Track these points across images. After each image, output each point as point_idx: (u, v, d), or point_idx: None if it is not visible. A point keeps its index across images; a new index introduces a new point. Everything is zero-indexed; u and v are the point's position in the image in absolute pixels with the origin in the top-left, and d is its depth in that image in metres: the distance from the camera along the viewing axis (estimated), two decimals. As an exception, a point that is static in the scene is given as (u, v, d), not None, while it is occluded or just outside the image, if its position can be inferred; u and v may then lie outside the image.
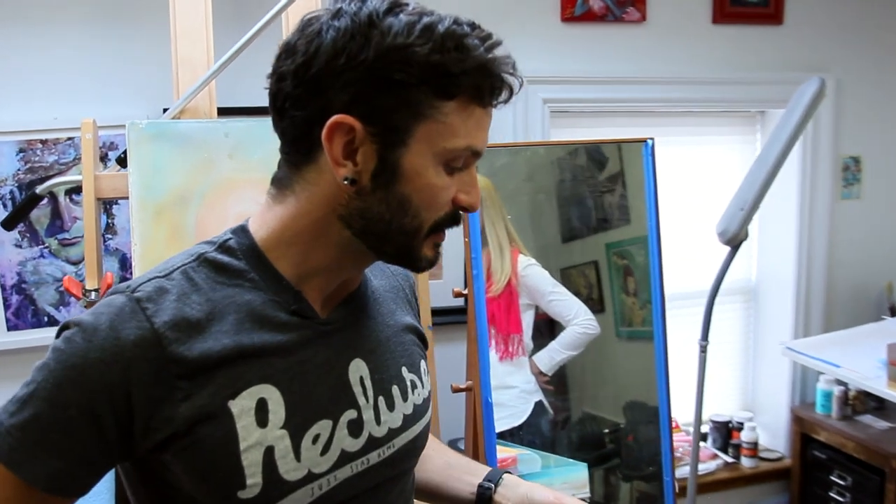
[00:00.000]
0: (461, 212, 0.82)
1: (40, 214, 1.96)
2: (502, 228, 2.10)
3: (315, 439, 0.80)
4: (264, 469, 0.76)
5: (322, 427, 0.81)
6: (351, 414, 0.83)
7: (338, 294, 0.87)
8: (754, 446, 2.78)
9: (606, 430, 2.21)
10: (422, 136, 0.76)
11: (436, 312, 2.16)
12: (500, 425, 2.06)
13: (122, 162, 1.74)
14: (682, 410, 2.74)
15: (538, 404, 2.13)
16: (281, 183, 0.82)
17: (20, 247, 1.97)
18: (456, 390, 1.84)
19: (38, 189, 1.67)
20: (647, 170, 1.95)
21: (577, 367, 2.16)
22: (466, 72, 0.74)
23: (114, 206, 2.00)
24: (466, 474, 1.05)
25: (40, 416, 0.72)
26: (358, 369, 0.86)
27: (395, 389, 0.89)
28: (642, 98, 2.52)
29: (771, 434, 2.92)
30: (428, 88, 0.74)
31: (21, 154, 1.95)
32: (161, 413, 0.73)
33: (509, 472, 1.04)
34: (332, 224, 0.80)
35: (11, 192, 1.94)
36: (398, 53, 0.73)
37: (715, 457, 2.79)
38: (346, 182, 0.77)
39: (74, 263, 1.99)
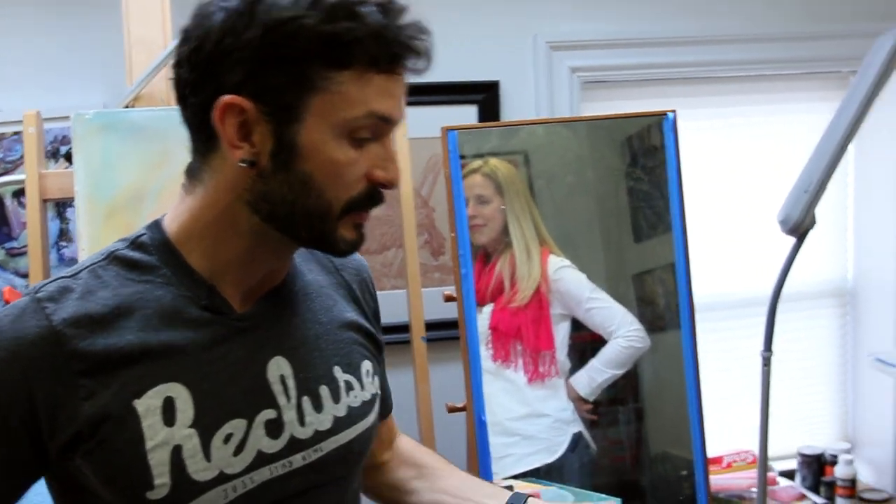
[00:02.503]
0: (381, 189, 0.92)
1: (-16, 221, 2.11)
2: (529, 225, 2.15)
3: (227, 439, 0.91)
4: (172, 469, 0.87)
5: (235, 426, 0.92)
6: (269, 414, 0.94)
7: (261, 288, 0.99)
8: (852, 484, 2.76)
9: (684, 473, 2.23)
10: (317, 109, 0.86)
11: (439, 326, 2.21)
12: (529, 462, 2.11)
13: (70, 158, 1.87)
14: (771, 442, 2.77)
15: (577, 437, 2.17)
16: (191, 173, 0.94)
17: (-37, 258, 2.12)
18: (451, 410, 1.92)
19: (-22, 191, 1.81)
20: (668, 149, 2.00)
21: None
22: (359, 39, 0.84)
23: (68, 210, 2.14)
24: (485, 497, 1.14)
25: None
26: (279, 367, 0.97)
27: (324, 390, 1.00)
28: (696, 62, 2.58)
29: (875, 469, 2.93)
30: (319, 60, 0.85)
31: (-38, 152, 2.10)
32: (64, 412, 0.86)
33: (533, 498, 1.12)
34: (240, 211, 0.91)
35: (-49, 195, 2.09)
36: (285, 27, 0.84)
37: (803, 497, 2.79)
38: (244, 165, 0.88)
39: (24, 276, 2.14)
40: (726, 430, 2.76)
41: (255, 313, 0.98)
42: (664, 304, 2.21)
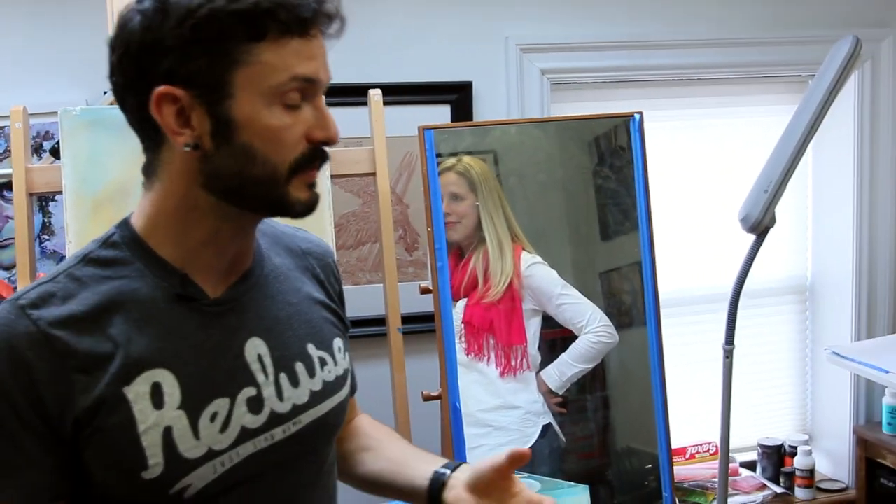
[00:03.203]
0: (323, 147, 1.00)
1: (-31, 214, 2.16)
2: (502, 222, 2.21)
3: (213, 417, 0.99)
4: (164, 449, 0.95)
5: (219, 405, 1.00)
6: (249, 391, 1.02)
7: (231, 273, 1.06)
8: (811, 474, 2.87)
9: (649, 466, 2.31)
10: (243, 82, 0.93)
11: (414, 319, 2.27)
12: (501, 452, 2.17)
13: (56, 153, 1.93)
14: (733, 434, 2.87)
15: (547, 428, 2.24)
16: (147, 171, 1.01)
17: (-52, 252, 2.17)
18: (427, 398, 1.99)
19: (-35, 185, 1.86)
20: (634, 149, 2.08)
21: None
22: (268, 11, 0.92)
23: (50, 204, 2.20)
24: (423, 463, 1.20)
25: None
26: (255, 348, 1.05)
27: (300, 366, 1.08)
28: (663, 65, 2.68)
29: (832, 460, 3.04)
30: (235, 37, 0.92)
31: (-53, 147, 2.15)
32: (65, 405, 0.93)
33: (465, 465, 1.18)
34: (197, 196, 0.98)
35: (-64, 190, 2.14)
36: (198, 13, 0.91)
37: (763, 487, 2.89)
38: (188, 149, 0.95)
39: (7, 268, 2.19)
40: (690, 422, 2.85)
41: (229, 298, 1.05)
42: (631, 301, 2.29)
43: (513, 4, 2.55)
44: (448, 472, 1.16)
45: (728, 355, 2.13)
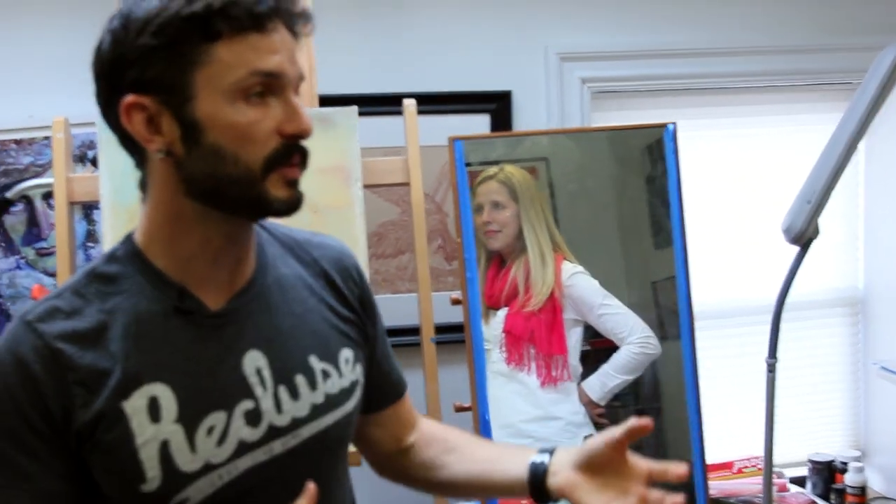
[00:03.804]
0: (298, 141, 1.00)
1: (16, 222, 2.23)
2: (544, 231, 2.21)
3: (209, 430, 1.01)
4: (161, 462, 0.98)
5: (216, 419, 1.01)
6: (247, 404, 1.04)
7: (231, 285, 1.07)
8: (862, 492, 2.79)
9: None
10: (203, 83, 0.95)
11: (451, 329, 2.27)
12: None
13: (97, 163, 1.97)
14: (777, 449, 2.82)
15: (588, 440, 2.22)
16: (141, 186, 1.05)
17: (-5, 257, 2.24)
18: (458, 409, 1.99)
19: (9, 193, 1.92)
20: (668, 160, 2.06)
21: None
22: (219, 10, 0.94)
23: (95, 212, 2.24)
24: (516, 455, 1.20)
25: (8, 456, 0.96)
26: (254, 360, 1.06)
27: (300, 378, 1.09)
28: (707, 73, 2.65)
29: (885, 477, 2.97)
30: (191, 39, 0.94)
31: (-5, 156, 2.22)
32: (69, 417, 0.97)
33: (563, 448, 1.17)
34: (182, 204, 1.01)
35: (-15, 197, 2.20)
36: (154, 21, 0.94)
37: (813, 504, 2.84)
38: (161, 155, 0.97)
39: (53, 275, 2.23)
40: (739, 435, 2.82)
41: (228, 310, 1.06)
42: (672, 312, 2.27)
43: (552, 13, 2.55)
44: (547, 457, 1.15)
45: (771, 369, 2.11)
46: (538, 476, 1.13)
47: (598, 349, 2.23)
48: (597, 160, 2.24)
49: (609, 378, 2.22)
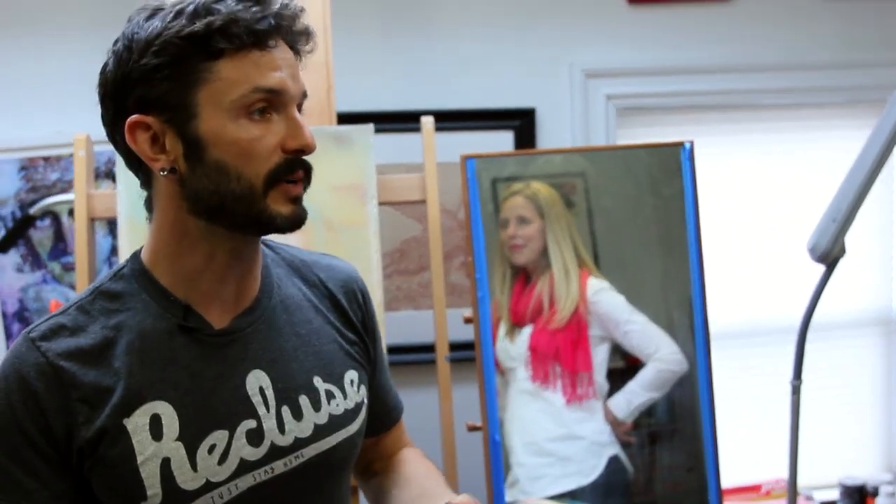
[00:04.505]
0: (300, 156, 1.02)
1: (43, 237, 2.27)
2: (569, 247, 2.19)
3: (211, 449, 1.02)
4: (162, 480, 0.99)
5: (217, 437, 1.02)
6: (249, 424, 1.05)
7: (238, 303, 1.08)
8: (894, 516, 2.76)
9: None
10: (206, 100, 0.97)
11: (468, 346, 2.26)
12: (564, 484, 2.13)
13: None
14: (808, 471, 2.78)
15: (613, 460, 2.19)
16: (147, 205, 1.07)
17: (22, 271, 2.28)
18: (470, 428, 1.99)
19: (33, 210, 1.95)
20: (685, 179, 2.05)
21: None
22: (220, 28, 0.96)
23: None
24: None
25: (9, 472, 0.98)
26: (257, 380, 1.07)
27: (304, 399, 1.10)
28: (733, 89, 2.63)
29: (919, 502, 2.89)
30: (193, 57, 0.96)
31: (23, 172, 2.26)
32: (70, 434, 0.98)
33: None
34: (185, 221, 1.02)
35: (13, 212, 2.25)
36: (156, 41, 0.96)
37: (843, 529, 2.79)
38: (165, 173, 0.99)
39: (79, 290, 2.27)
40: (768, 457, 2.78)
41: (232, 329, 1.07)
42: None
43: (577, 29, 2.55)
44: None
45: (796, 391, 2.08)
46: None
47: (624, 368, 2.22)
48: (649, 175, 2.22)
49: (635, 396, 2.19)
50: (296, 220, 1.04)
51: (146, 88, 0.97)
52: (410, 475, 1.27)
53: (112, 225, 2.28)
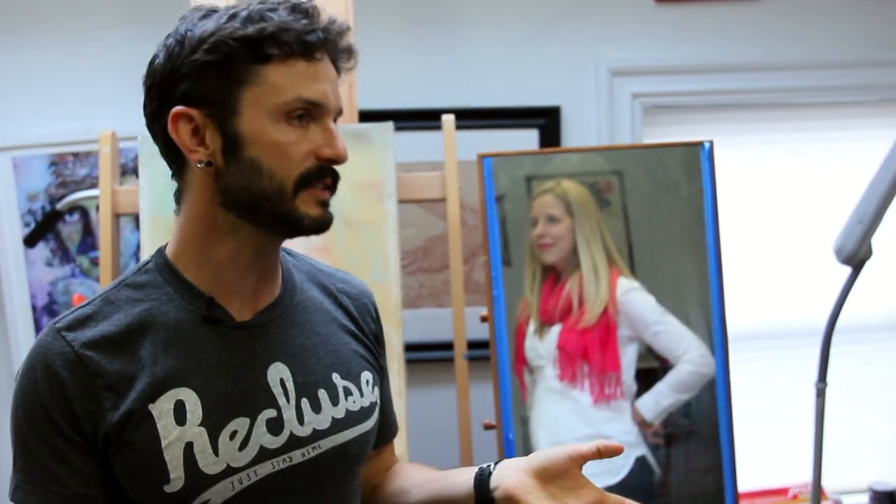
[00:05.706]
0: (332, 165, 1.06)
1: (72, 231, 2.31)
2: (599, 246, 2.19)
3: (232, 435, 1.05)
4: (185, 463, 1.02)
5: (239, 424, 1.06)
6: (270, 413, 1.08)
7: (259, 298, 1.13)
8: (925, 522, 2.74)
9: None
10: (250, 101, 1.02)
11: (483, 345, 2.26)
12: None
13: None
14: (837, 475, 2.77)
15: (640, 461, 2.19)
16: (177, 198, 1.11)
17: (51, 265, 2.32)
18: (486, 427, 2.00)
19: (59, 204, 1.98)
20: (704, 179, 2.04)
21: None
22: (271, 35, 1.01)
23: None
24: (467, 469, 1.22)
25: (38, 458, 1.02)
26: (278, 372, 1.11)
27: (323, 393, 1.14)
28: (761, 88, 2.61)
29: (951, 507, 2.86)
30: (242, 59, 1.02)
31: (53, 167, 2.30)
32: (96, 421, 1.01)
33: (505, 461, 1.18)
34: (216, 214, 1.06)
35: (43, 206, 2.30)
36: (209, 39, 1.01)
37: (872, 534, 2.76)
38: (202, 165, 1.03)
39: (106, 285, 2.30)
40: (796, 460, 2.77)
41: (255, 322, 1.12)
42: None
43: (603, 27, 2.54)
44: (493, 465, 1.17)
45: (820, 394, 2.08)
46: (483, 479, 1.16)
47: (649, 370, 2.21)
48: (685, 173, 2.22)
49: (663, 397, 2.18)
50: (322, 223, 1.09)
51: (193, 83, 1.02)
52: (418, 468, 1.34)
53: (139, 220, 2.31)
